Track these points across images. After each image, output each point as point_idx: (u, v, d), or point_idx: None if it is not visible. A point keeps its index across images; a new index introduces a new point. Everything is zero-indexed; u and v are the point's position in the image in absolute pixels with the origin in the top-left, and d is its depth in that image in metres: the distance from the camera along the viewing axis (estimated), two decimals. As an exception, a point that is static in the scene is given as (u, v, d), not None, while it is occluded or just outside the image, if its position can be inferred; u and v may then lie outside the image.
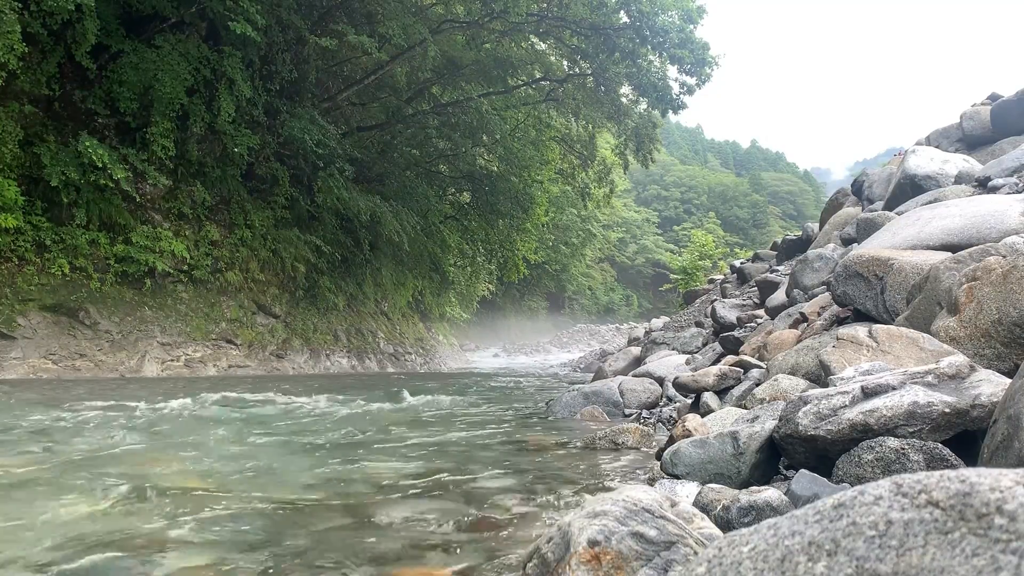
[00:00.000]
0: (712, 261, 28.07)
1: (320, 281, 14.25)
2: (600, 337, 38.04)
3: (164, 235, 11.00)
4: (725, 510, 1.76)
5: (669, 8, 15.77)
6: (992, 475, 0.66)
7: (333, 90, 16.07)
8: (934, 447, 1.72)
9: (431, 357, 19.45)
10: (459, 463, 3.17)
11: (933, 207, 4.35)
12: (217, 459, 3.21)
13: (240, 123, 11.93)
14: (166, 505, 2.28)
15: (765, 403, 3.00)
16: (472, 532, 1.99)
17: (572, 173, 21.59)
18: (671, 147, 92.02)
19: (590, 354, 21.25)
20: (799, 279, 5.98)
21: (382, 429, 4.43)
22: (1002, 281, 2.34)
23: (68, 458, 3.14)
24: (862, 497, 0.72)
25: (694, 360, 6.91)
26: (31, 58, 9.48)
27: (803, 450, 2.01)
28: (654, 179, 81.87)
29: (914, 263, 3.30)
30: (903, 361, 2.49)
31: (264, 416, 5.02)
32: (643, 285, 66.36)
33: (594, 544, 1.17)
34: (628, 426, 3.73)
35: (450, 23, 16.06)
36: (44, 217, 9.71)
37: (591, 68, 17.30)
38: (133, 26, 11.01)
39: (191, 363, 10.77)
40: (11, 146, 9.20)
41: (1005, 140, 7.03)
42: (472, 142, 17.46)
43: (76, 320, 9.64)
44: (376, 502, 2.36)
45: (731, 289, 11.32)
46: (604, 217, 49.44)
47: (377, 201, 14.43)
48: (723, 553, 0.82)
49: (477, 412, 5.61)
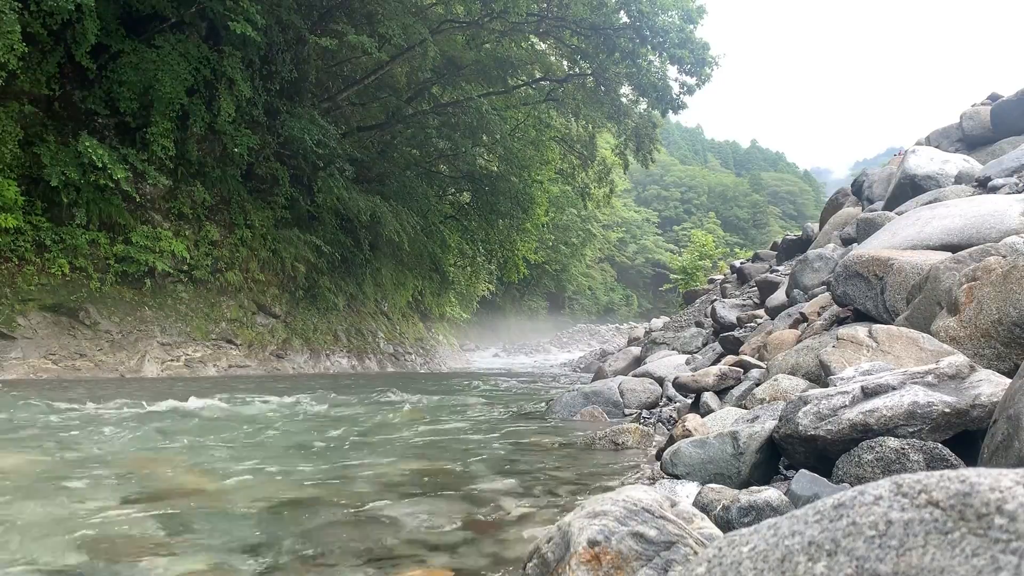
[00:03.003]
0: (712, 261, 28.08)
1: (320, 281, 14.25)
2: (600, 337, 38.01)
3: (164, 235, 10.99)
4: (725, 510, 1.76)
5: (669, 8, 15.78)
6: (992, 475, 0.66)
7: (333, 90, 16.06)
8: (934, 447, 1.72)
9: (431, 357, 19.44)
10: (459, 463, 3.17)
11: (933, 207, 4.35)
12: (217, 459, 3.21)
13: (240, 123, 11.92)
14: (166, 505, 2.28)
15: (765, 403, 3.00)
16: (472, 532, 1.99)
17: (572, 173, 21.57)
18: (671, 147, 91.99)
19: (590, 354, 21.23)
20: (799, 279, 5.98)
21: (382, 429, 4.43)
22: (1002, 281, 2.34)
23: (68, 458, 3.14)
24: (862, 497, 0.72)
25: (694, 360, 6.91)
26: (31, 58, 9.47)
27: (803, 450, 2.01)
28: (654, 179, 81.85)
29: (914, 263, 3.30)
30: (903, 361, 2.49)
31: (264, 416, 5.02)
32: (643, 285, 66.35)
33: (594, 544, 1.17)
34: (628, 426, 3.73)
35: (450, 23, 16.06)
36: (44, 217, 9.71)
37: (591, 68, 17.30)
38: (133, 26, 11.01)
39: (191, 363, 10.77)
40: (11, 146, 9.19)
41: (1005, 140, 7.03)
42: (472, 142, 17.44)
43: (76, 320, 9.64)
44: (376, 502, 2.36)
45: (731, 289, 11.32)
46: (604, 217, 49.40)
47: (377, 201, 14.43)
48: (723, 553, 0.82)
49: (477, 412, 5.61)
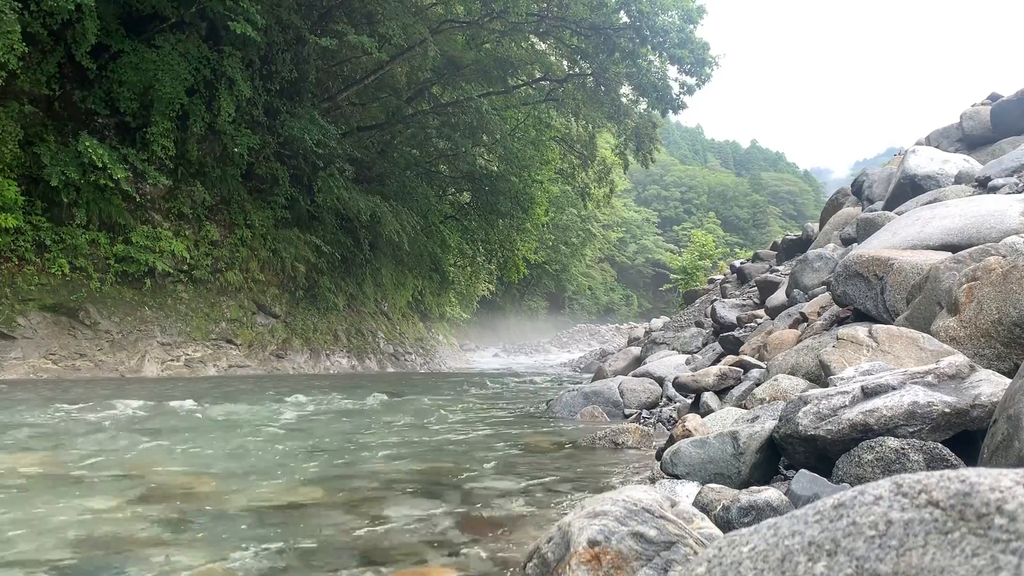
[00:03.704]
0: (712, 261, 28.07)
1: (320, 281, 14.24)
2: (600, 337, 38.00)
3: (164, 235, 10.99)
4: (725, 510, 1.76)
5: (669, 8, 15.78)
6: (992, 475, 0.66)
7: (333, 90, 16.06)
8: (934, 447, 1.72)
9: (431, 357, 19.43)
10: (459, 463, 3.17)
11: (933, 207, 4.35)
12: (217, 459, 3.21)
13: (240, 123, 11.92)
14: (166, 505, 2.28)
15: (765, 403, 3.00)
16: (472, 532, 1.99)
17: (572, 173, 21.57)
18: (671, 147, 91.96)
19: (590, 354, 21.23)
20: (799, 279, 5.98)
21: (381, 429, 4.43)
22: (1002, 281, 2.34)
23: (68, 458, 3.14)
24: (862, 497, 0.72)
25: (694, 360, 6.90)
26: (31, 58, 9.47)
27: (803, 450, 2.01)
28: (654, 179, 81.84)
29: (914, 263, 3.30)
30: (903, 361, 2.49)
31: (264, 416, 5.02)
32: (643, 285, 66.36)
33: (594, 544, 1.17)
34: (628, 426, 3.73)
35: (450, 23, 16.06)
36: (44, 217, 9.71)
37: (591, 68, 17.30)
38: (133, 26, 11.01)
39: (191, 363, 10.77)
40: (11, 146, 9.19)
41: (1005, 140, 7.03)
42: (472, 142, 17.45)
43: (76, 320, 9.64)
44: (376, 502, 2.36)
45: (731, 289, 11.32)
46: (604, 217, 49.41)
47: (377, 201, 14.43)
48: (723, 553, 0.82)
49: (477, 412, 5.61)
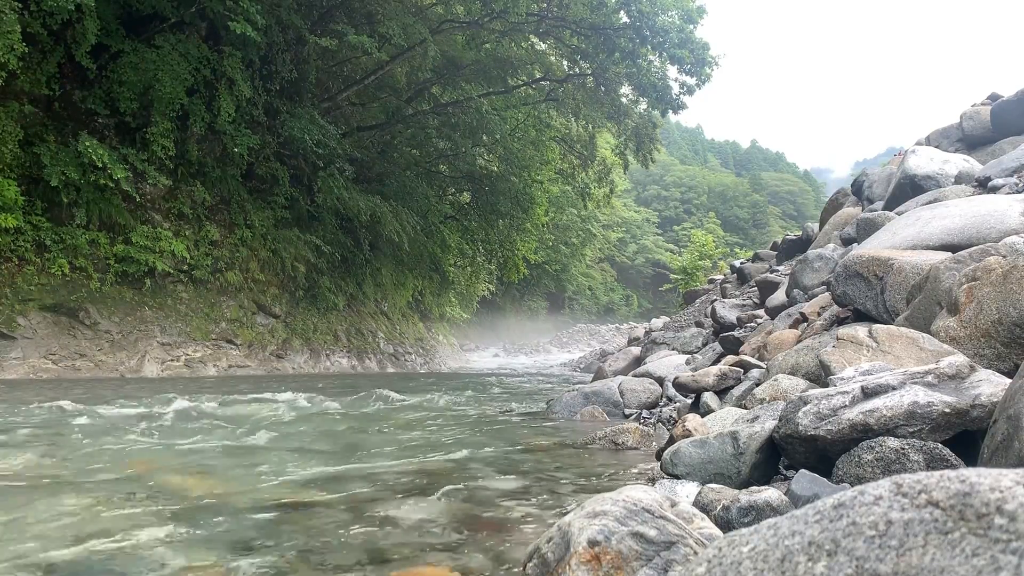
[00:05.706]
0: (712, 261, 28.10)
1: (320, 281, 14.25)
2: (600, 337, 37.98)
3: (164, 235, 10.99)
4: (725, 510, 1.76)
5: (669, 8, 15.78)
6: (992, 475, 0.66)
7: (333, 90, 16.06)
8: (934, 447, 1.72)
9: (431, 357, 19.44)
10: (459, 463, 3.17)
11: (933, 207, 4.35)
12: (217, 459, 3.21)
13: (240, 123, 11.92)
14: (166, 505, 2.28)
15: (765, 403, 3.00)
16: (472, 532, 1.99)
17: (572, 173, 21.58)
18: (671, 147, 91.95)
19: (590, 354, 21.22)
20: (799, 279, 5.98)
21: (382, 429, 4.43)
22: (1002, 281, 2.34)
23: (68, 458, 3.14)
24: (862, 497, 0.72)
25: (694, 360, 6.91)
26: (31, 58, 9.47)
27: (803, 450, 2.01)
28: (654, 179, 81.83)
29: (914, 263, 3.30)
30: (903, 361, 2.49)
31: (264, 416, 5.02)
32: (643, 285, 66.33)
33: (594, 544, 1.17)
34: (628, 426, 3.73)
35: (450, 23, 16.06)
36: (44, 217, 9.71)
37: (591, 68, 17.30)
38: (133, 26, 11.01)
39: (191, 363, 10.76)
40: (11, 146, 9.19)
41: (1005, 140, 7.03)
42: (472, 142, 17.45)
43: (76, 320, 9.64)
44: (376, 502, 2.36)
45: (731, 289, 11.32)
46: (604, 217, 49.41)
47: (377, 201, 14.43)
48: (723, 553, 0.82)
49: (477, 412, 5.61)
